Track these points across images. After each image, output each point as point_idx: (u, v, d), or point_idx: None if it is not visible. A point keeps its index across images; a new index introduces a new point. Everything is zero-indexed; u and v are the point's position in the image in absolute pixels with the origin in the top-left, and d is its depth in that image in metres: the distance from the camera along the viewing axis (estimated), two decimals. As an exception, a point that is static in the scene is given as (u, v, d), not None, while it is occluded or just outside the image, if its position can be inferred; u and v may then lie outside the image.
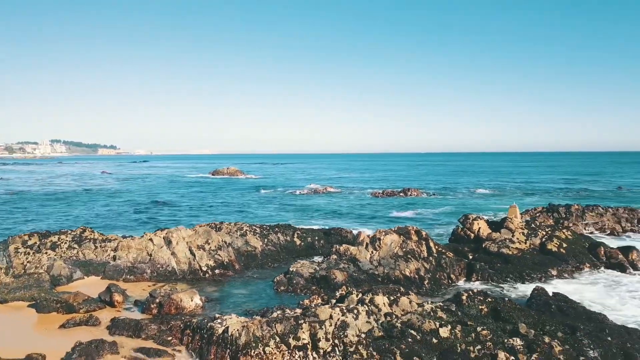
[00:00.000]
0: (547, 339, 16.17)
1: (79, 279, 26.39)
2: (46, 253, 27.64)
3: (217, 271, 28.33)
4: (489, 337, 16.54)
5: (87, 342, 17.45)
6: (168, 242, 29.13)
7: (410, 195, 77.08)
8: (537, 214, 46.65)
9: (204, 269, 28.16)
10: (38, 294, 22.59)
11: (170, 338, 18.75)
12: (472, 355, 15.86)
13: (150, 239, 29.18)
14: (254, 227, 34.16)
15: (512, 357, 15.48)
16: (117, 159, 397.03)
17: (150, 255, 28.26)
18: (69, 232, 30.86)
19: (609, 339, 16.82)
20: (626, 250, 31.03)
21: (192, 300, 21.95)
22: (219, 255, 29.23)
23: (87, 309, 21.63)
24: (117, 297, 22.45)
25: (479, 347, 16.05)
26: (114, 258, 28.23)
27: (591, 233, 42.22)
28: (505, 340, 16.16)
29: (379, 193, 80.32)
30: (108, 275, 26.96)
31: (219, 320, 18.31)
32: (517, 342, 16.04)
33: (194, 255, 28.69)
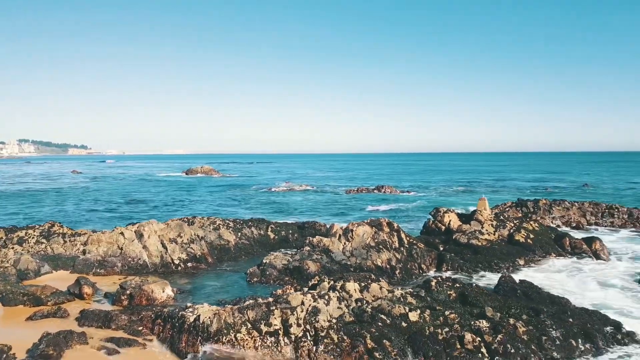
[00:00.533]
0: (512, 321, 16.70)
1: (47, 273, 25.87)
2: (12, 248, 27.03)
3: (189, 264, 28.17)
4: (456, 320, 16.96)
5: (55, 333, 17.17)
6: (140, 236, 28.82)
7: (384, 192, 77.87)
8: (507, 209, 47.77)
9: (176, 262, 27.97)
10: (4, 287, 22.06)
11: (141, 328, 18.60)
12: (440, 337, 16.25)
13: (122, 233, 28.81)
14: (227, 222, 34.06)
15: (479, 338, 15.93)
16: (88, 159, 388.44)
17: (121, 248, 27.91)
18: (37, 227, 30.23)
19: (571, 320, 17.46)
20: (589, 240, 32.11)
21: (163, 292, 21.81)
22: (192, 248, 29.08)
23: (55, 301, 21.25)
24: (87, 290, 22.14)
25: (446, 329, 16.45)
26: (84, 252, 27.79)
27: (558, 226, 43.42)
28: (472, 323, 16.62)
29: (353, 190, 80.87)
30: (77, 269, 26.52)
31: (190, 309, 18.28)
32: (484, 324, 16.51)
33: (166, 249, 28.46)
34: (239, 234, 32.96)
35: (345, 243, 27.77)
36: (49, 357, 15.95)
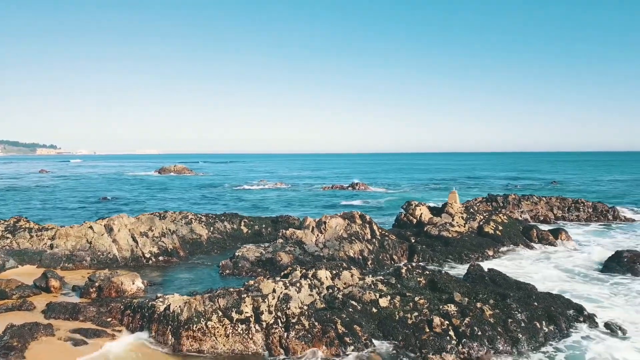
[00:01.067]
0: (479, 305, 17.09)
1: (12, 268, 25.18)
2: (-24, 242, 26.25)
3: (161, 258, 27.85)
4: (425, 305, 17.27)
5: (20, 325, 16.76)
6: (109, 230, 28.34)
7: (359, 189, 78.39)
8: (477, 204, 48.69)
9: (147, 255, 27.62)
10: (-34, 281, 21.42)
11: (109, 319, 18.33)
12: (410, 321, 16.52)
13: (91, 227, 28.28)
14: (199, 216, 33.78)
15: (447, 322, 16.25)
16: (55, 159, 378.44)
17: (90, 242, 27.40)
18: (2, 221, 29.46)
19: (536, 303, 17.97)
20: (555, 231, 33.07)
21: (133, 284, 21.52)
22: (163, 242, 28.75)
23: (21, 294, 20.72)
24: (54, 283, 21.67)
25: (416, 314, 16.74)
26: (51, 247, 27.17)
27: (526, 220, 44.47)
28: (441, 307, 16.95)
29: (327, 187, 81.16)
30: (45, 263, 25.91)
31: (160, 299, 18.12)
32: (452, 308, 16.85)
33: (137, 243, 28.07)
34: (212, 228, 32.74)
35: (318, 235, 27.89)
36: (13, 348, 15.56)
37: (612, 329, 17.32)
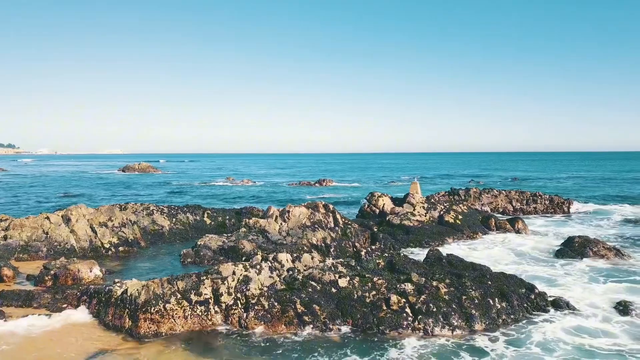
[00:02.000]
0: (434, 283, 17.55)
1: (-37, 259, 24.27)
2: None
3: (120, 248, 27.36)
4: (384, 285, 17.60)
5: (-31, 312, 16.26)
6: (67, 220, 27.67)
7: (326, 185, 78.78)
8: (440, 197, 49.70)
9: (107, 246, 27.09)
10: None
11: (65, 305, 17.96)
12: (368, 300, 16.82)
13: (47, 217, 27.55)
14: (161, 207, 33.34)
15: (403, 299, 16.63)
16: (8, 158, 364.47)
17: (47, 233, 26.68)
18: (-48, 213, 28.30)
19: (489, 282, 18.55)
20: (512, 221, 34.16)
21: (91, 271, 21.12)
22: (123, 232, 28.26)
23: (-29, 284, 20.05)
24: (7, 272, 21.04)
25: (374, 292, 17.06)
26: (5, 237, 26.31)
27: (487, 212, 45.73)
28: (398, 286, 17.32)
29: (295, 183, 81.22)
30: (-2, 254, 25.06)
31: (118, 284, 17.87)
32: (409, 286, 17.24)
33: (96, 233, 27.50)
34: (174, 219, 32.36)
35: (281, 224, 27.97)
36: (-38, 334, 15.10)
37: (560, 305, 18.08)
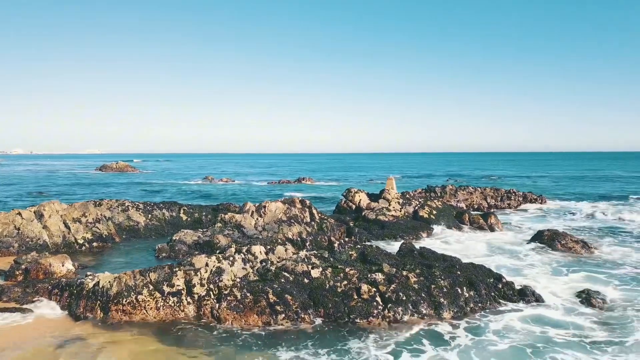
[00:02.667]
0: (404, 273, 17.92)
1: None
2: None
3: (94, 244, 27.16)
4: (355, 275, 17.90)
5: (-64, 305, 16.05)
6: (40, 216, 27.34)
7: (305, 182, 79.00)
8: (415, 194, 50.36)
9: (80, 241, 26.87)
10: None
11: (36, 298, 17.81)
12: (339, 290, 17.10)
13: (19, 213, 27.18)
14: (136, 204, 33.13)
15: (374, 289, 16.96)
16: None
17: (19, 229, 26.33)
18: None
19: (459, 272, 19.01)
20: (485, 216, 34.86)
21: (63, 265, 20.96)
22: (97, 228, 28.04)
23: (-61, 279, 19.73)
24: (-24, 266, 20.74)
25: (345, 282, 17.34)
26: (-25, 234, 25.88)
27: (462, 208, 46.55)
28: (369, 275, 17.64)
29: (274, 182, 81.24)
30: (-33, 250, 24.66)
31: (90, 277, 17.82)
32: (379, 276, 17.58)
33: (69, 229, 27.24)
34: (150, 215, 32.20)
35: (257, 219, 28.11)
36: None
37: (526, 294, 18.63)
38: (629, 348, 13.97)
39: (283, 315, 16.10)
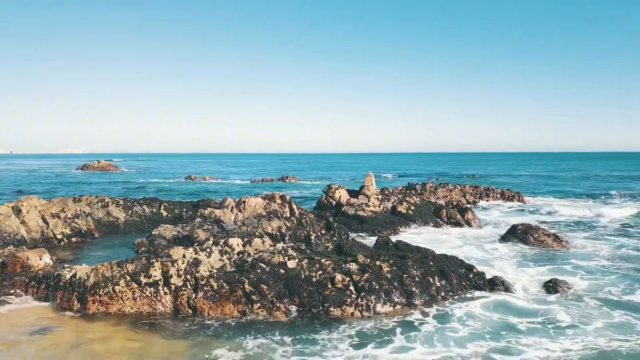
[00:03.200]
0: (378, 263, 18.40)
1: None
2: None
3: (74, 239, 27.19)
4: (331, 266, 18.32)
5: None
6: (17, 211, 27.25)
7: (289, 181, 79.33)
8: (394, 190, 51.04)
9: (59, 237, 26.86)
10: None
11: (12, 291, 17.90)
12: (314, 280, 17.50)
13: (-4, 209, 27.05)
14: (116, 200, 33.14)
15: (348, 278, 17.39)
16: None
17: (-4, 224, 26.22)
18: None
19: (431, 263, 19.55)
20: (463, 211, 35.59)
21: (40, 259, 21.01)
22: (77, 223, 28.05)
23: None
24: (-48, 260, 20.67)
25: (320, 272, 17.75)
26: (-49, 229, 25.73)
27: (441, 205, 47.32)
28: (343, 265, 18.08)
29: (258, 180, 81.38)
30: (-57, 245, 24.50)
31: (67, 269, 17.96)
32: (353, 266, 18.02)
33: (48, 224, 27.21)
34: (130, 211, 32.25)
35: (237, 214, 28.38)
36: None
37: (496, 283, 19.25)
38: (590, 333, 14.59)
39: (259, 304, 16.44)
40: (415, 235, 29.21)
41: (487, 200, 50.64)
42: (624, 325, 15.12)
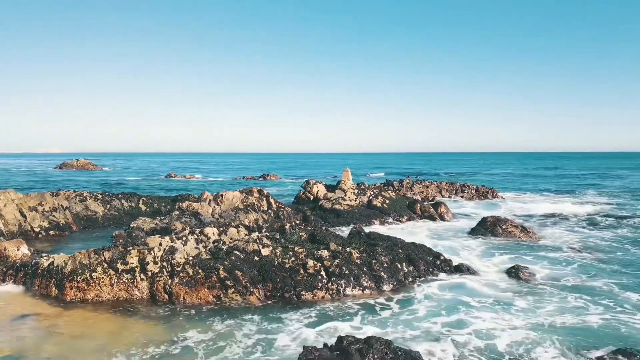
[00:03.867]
0: (348, 249, 19.17)
1: None
2: None
3: (52, 232, 27.41)
4: (303, 253, 19.02)
5: None
6: (-6, 205, 27.36)
7: (270, 179, 79.80)
8: (370, 186, 52.06)
9: (37, 229, 27.07)
10: None
11: (-9, 279, 18.20)
12: (287, 266, 18.19)
13: (-27, 202, 27.14)
14: (94, 194, 33.36)
15: (319, 264, 18.12)
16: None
17: (-28, 217, 26.33)
18: None
19: (400, 250, 20.41)
20: (436, 205, 36.63)
21: (18, 250, 21.28)
22: (55, 216, 28.27)
23: None
24: None
25: (293, 259, 18.45)
26: None
27: (416, 199, 48.41)
28: (315, 252, 18.80)
29: (239, 177, 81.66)
30: None
31: (45, 257, 18.33)
32: (325, 253, 18.76)
33: (25, 217, 27.39)
34: (108, 206, 32.51)
35: (215, 207, 28.91)
36: None
37: (462, 269, 20.21)
38: (540, 313, 15.46)
39: (233, 289, 17.06)
40: (388, 228, 30.07)
41: (462, 196, 51.90)
42: (577, 308, 16.02)
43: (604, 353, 12.17)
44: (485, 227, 29.49)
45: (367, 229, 26.50)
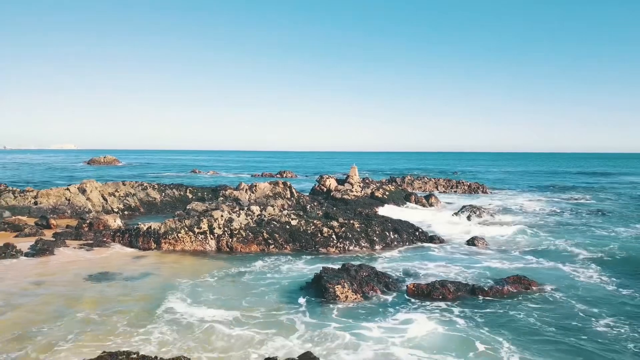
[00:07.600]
0: (351, 222, 27.22)
1: (8, 217, 32.10)
2: (-27, 199, 32.76)
3: (126, 212, 35.75)
4: (319, 224, 27.08)
5: (45, 239, 24.58)
6: (82, 191, 35.78)
7: (286, 176, 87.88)
8: (375, 181, 59.90)
9: (116, 210, 35.43)
10: (-16, 220, 28.39)
11: (105, 239, 26.48)
12: (309, 231, 26.25)
13: (67, 189, 35.59)
14: (152, 184, 41.72)
15: (331, 230, 26.17)
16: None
17: (69, 200, 34.77)
18: (-13, 185, 35.79)
19: (389, 224, 28.38)
20: (428, 196, 44.49)
21: (115, 222, 29.58)
22: (127, 200, 36.64)
23: (30, 230, 28.12)
24: (53, 221, 29.28)
25: (313, 227, 26.52)
26: (36, 203, 34.24)
27: (412, 192, 56.13)
28: (329, 223, 26.87)
29: (258, 174, 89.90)
30: (34, 214, 33.03)
31: (142, 224, 26.57)
32: (335, 223, 26.81)
33: (106, 200, 35.78)
34: (163, 193, 40.85)
35: (250, 194, 37.07)
36: (45, 250, 23.45)
37: (434, 239, 28.09)
38: (484, 266, 23.29)
39: (273, 245, 25.17)
40: (386, 212, 38.00)
41: (456, 192, 59.61)
42: (525, 267, 23.41)
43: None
44: (464, 212, 37.32)
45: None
